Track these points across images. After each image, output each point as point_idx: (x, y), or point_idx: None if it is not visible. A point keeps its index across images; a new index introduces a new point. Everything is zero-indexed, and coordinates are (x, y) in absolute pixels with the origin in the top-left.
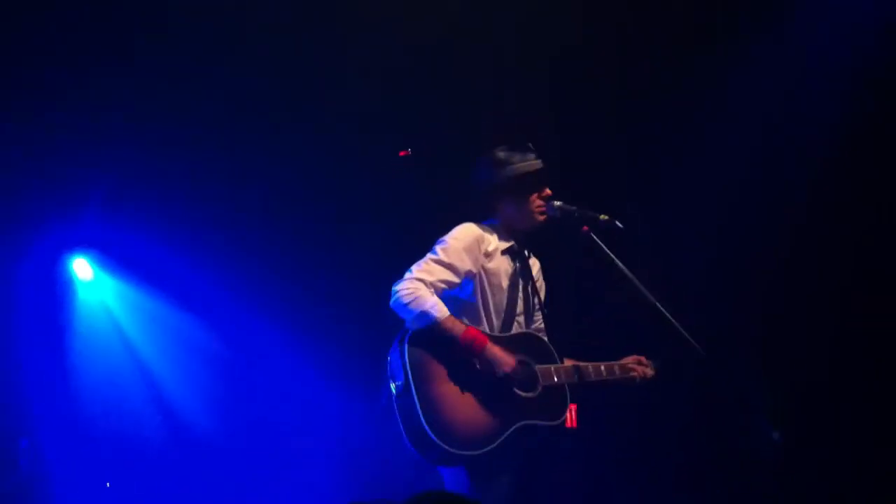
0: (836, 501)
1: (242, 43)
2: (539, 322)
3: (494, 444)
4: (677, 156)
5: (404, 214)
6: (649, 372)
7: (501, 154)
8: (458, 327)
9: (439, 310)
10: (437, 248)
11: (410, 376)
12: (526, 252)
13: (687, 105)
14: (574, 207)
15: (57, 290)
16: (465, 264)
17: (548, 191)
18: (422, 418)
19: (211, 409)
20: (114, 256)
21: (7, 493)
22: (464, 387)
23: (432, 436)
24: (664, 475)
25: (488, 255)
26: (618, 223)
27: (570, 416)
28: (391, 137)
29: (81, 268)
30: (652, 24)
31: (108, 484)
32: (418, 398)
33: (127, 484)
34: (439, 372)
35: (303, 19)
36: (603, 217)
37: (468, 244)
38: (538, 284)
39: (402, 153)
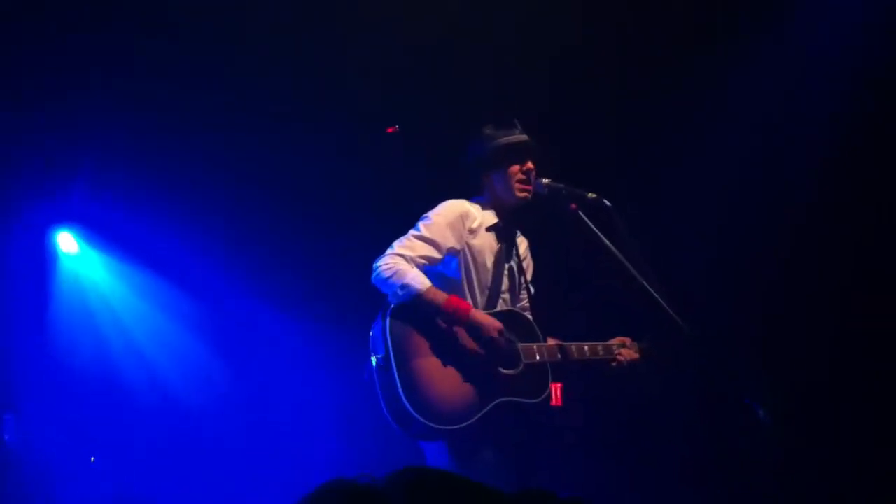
0: (835, 500)
1: (234, 27)
2: (524, 301)
3: (473, 420)
4: (677, 156)
5: (395, 191)
6: (634, 355)
7: (487, 130)
8: (440, 297)
9: (420, 282)
10: (420, 224)
11: (391, 350)
12: (513, 230)
13: (686, 105)
14: (562, 185)
15: (41, 264)
16: (448, 240)
17: (530, 164)
18: (401, 392)
19: (198, 381)
20: (99, 230)
21: None
22: (445, 361)
23: (411, 410)
24: (656, 459)
25: (473, 231)
26: (605, 201)
27: (556, 394)
28: (381, 116)
29: (66, 241)
30: (651, 24)
31: (92, 459)
32: (398, 372)
33: (114, 458)
34: (420, 346)
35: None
36: (591, 195)
37: (452, 220)
38: (525, 263)
39: (389, 129)
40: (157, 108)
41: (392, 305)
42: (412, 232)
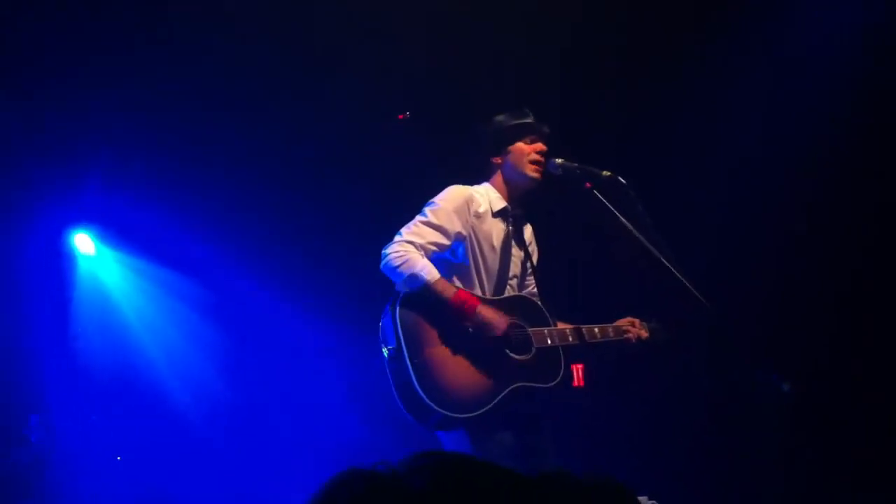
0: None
1: (246, 24)
2: (532, 286)
3: (489, 406)
4: (676, 155)
5: (402, 178)
6: (644, 333)
7: (495, 118)
8: (449, 290)
9: (429, 272)
10: (427, 209)
11: (402, 340)
12: (520, 214)
13: (686, 104)
14: (576, 164)
15: (60, 265)
16: (455, 226)
17: (540, 145)
18: (415, 382)
19: (220, 377)
20: (115, 230)
21: (20, 469)
22: (456, 349)
23: (426, 400)
24: (671, 433)
25: (479, 216)
26: (620, 178)
27: (578, 374)
28: (388, 102)
29: (83, 242)
30: (650, 23)
31: (118, 458)
32: (411, 362)
33: (137, 456)
34: (431, 335)
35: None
36: (605, 173)
37: (458, 205)
38: (531, 248)
39: (400, 116)
40: (171, 107)
41: (401, 295)
42: (419, 218)
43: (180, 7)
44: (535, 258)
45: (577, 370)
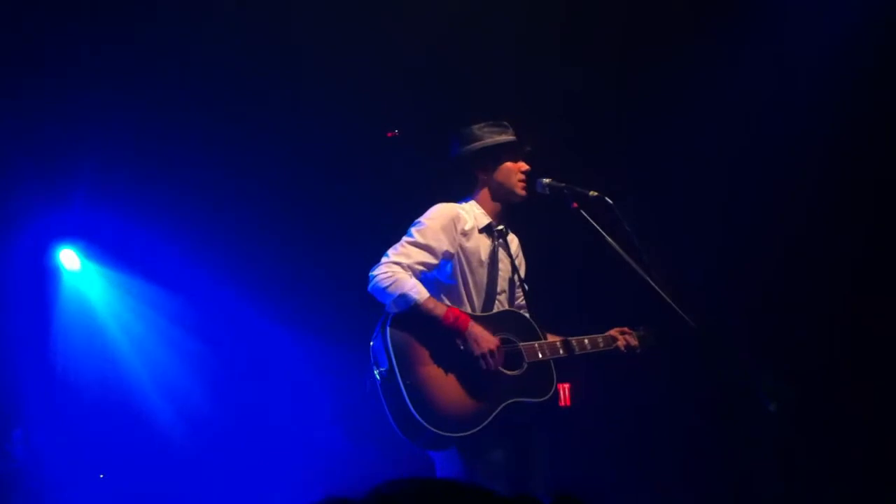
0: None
1: (233, 32)
2: (520, 299)
3: (484, 424)
4: (674, 152)
5: (392, 191)
6: (633, 342)
7: (475, 129)
8: (439, 308)
9: (419, 291)
10: (413, 229)
11: (394, 361)
12: (504, 229)
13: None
14: (563, 184)
15: (44, 280)
16: (443, 245)
17: (524, 164)
18: (408, 402)
19: (203, 394)
20: (100, 245)
21: (2, 484)
22: (448, 368)
23: (420, 419)
24: (661, 450)
25: (465, 234)
26: (607, 199)
27: (564, 394)
28: (377, 119)
29: (68, 258)
30: (647, 22)
31: (101, 475)
32: (403, 382)
33: (120, 471)
34: (423, 355)
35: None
36: (593, 193)
37: (444, 224)
38: (518, 261)
39: (389, 134)
40: (157, 120)
41: (391, 315)
42: (406, 238)
43: (168, 19)
44: (522, 271)
45: (564, 389)
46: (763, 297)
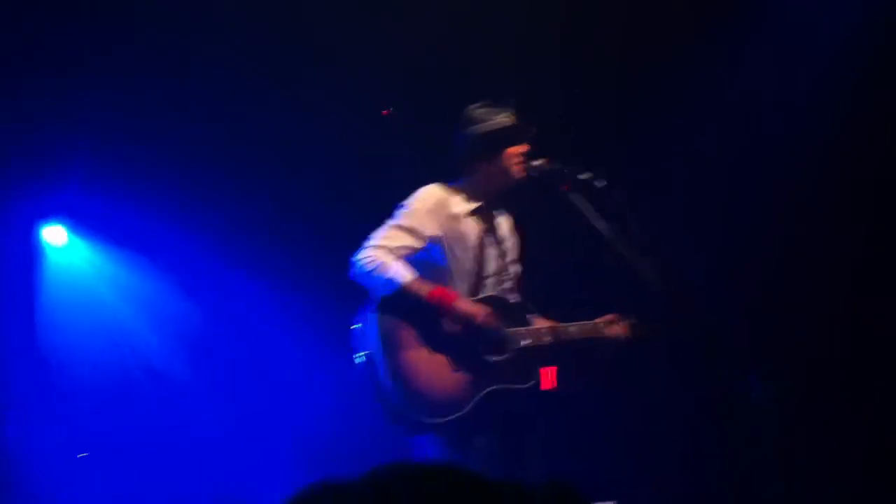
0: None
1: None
2: (509, 283)
3: (464, 411)
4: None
5: (384, 173)
6: (623, 330)
7: (476, 112)
8: (424, 288)
9: (402, 274)
10: (399, 212)
11: (379, 345)
12: (494, 212)
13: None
14: (556, 166)
15: (29, 256)
16: (428, 228)
17: (525, 146)
18: (391, 388)
19: (194, 374)
20: (87, 221)
21: None
22: (433, 353)
23: (402, 405)
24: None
25: (454, 216)
26: (597, 182)
27: (551, 377)
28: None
29: (54, 233)
30: (647, 22)
31: (82, 455)
32: (387, 367)
33: (108, 450)
34: (407, 339)
35: None
36: (584, 175)
37: (431, 207)
38: (508, 244)
39: (384, 112)
40: (148, 94)
41: (375, 300)
42: (390, 222)
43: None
44: (513, 253)
45: (550, 372)
46: (763, 297)
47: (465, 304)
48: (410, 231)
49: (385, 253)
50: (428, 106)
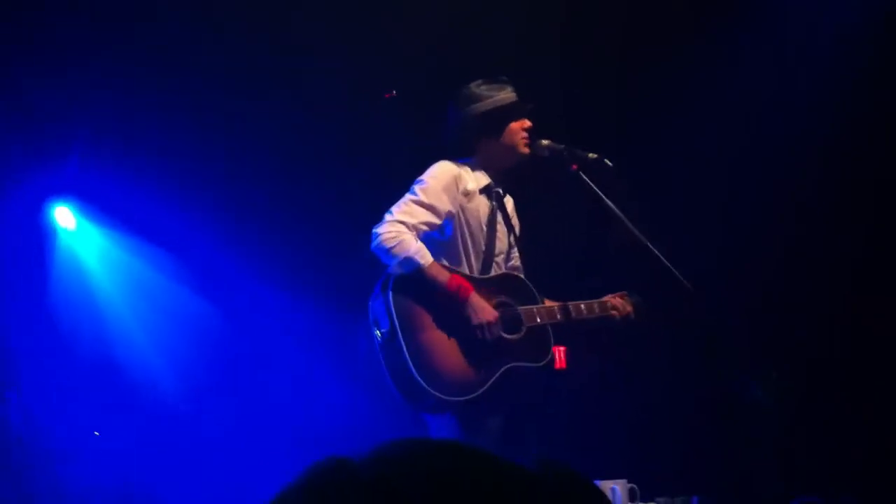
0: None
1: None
2: (516, 260)
3: (484, 388)
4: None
5: (385, 155)
6: (629, 308)
7: (474, 89)
8: (443, 274)
9: (423, 256)
10: (416, 188)
11: (397, 323)
12: (500, 190)
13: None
14: (562, 146)
15: (39, 239)
16: (445, 205)
17: (527, 122)
18: (411, 366)
19: (201, 357)
20: (96, 204)
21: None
22: (450, 332)
23: (423, 383)
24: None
25: (467, 194)
26: (607, 161)
27: (559, 357)
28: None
29: (63, 216)
30: (647, 22)
31: (96, 433)
32: (406, 345)
33: (115, 436)
34: (425, 318)
35: None
36: (592, 155)
37: (446, 183)
38: (514, 222)
39: (387, 95)
40: (155, 76)
41: (393, 277)
42: (409, 196)
43: None
44: (517, 231)
45: (559, 352)
46: (763, 297)
47: (478, 302)
48: (430, 208)
49: (406, 229)
50: (428, 106)
